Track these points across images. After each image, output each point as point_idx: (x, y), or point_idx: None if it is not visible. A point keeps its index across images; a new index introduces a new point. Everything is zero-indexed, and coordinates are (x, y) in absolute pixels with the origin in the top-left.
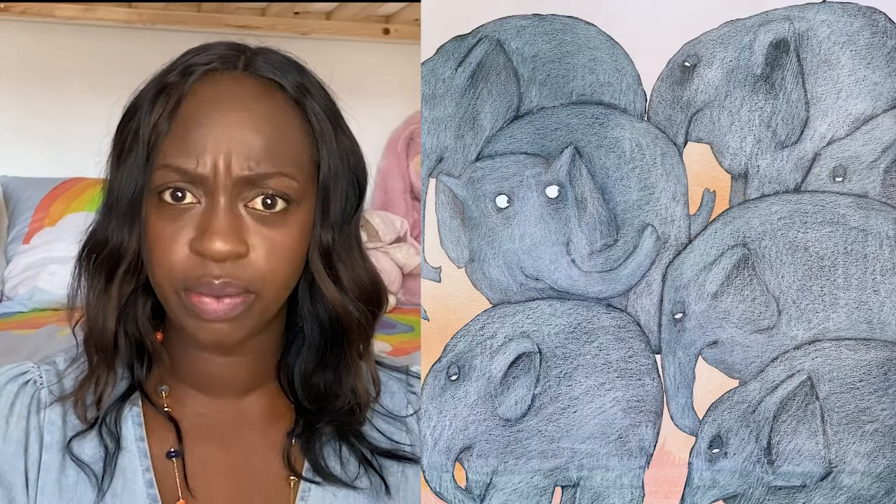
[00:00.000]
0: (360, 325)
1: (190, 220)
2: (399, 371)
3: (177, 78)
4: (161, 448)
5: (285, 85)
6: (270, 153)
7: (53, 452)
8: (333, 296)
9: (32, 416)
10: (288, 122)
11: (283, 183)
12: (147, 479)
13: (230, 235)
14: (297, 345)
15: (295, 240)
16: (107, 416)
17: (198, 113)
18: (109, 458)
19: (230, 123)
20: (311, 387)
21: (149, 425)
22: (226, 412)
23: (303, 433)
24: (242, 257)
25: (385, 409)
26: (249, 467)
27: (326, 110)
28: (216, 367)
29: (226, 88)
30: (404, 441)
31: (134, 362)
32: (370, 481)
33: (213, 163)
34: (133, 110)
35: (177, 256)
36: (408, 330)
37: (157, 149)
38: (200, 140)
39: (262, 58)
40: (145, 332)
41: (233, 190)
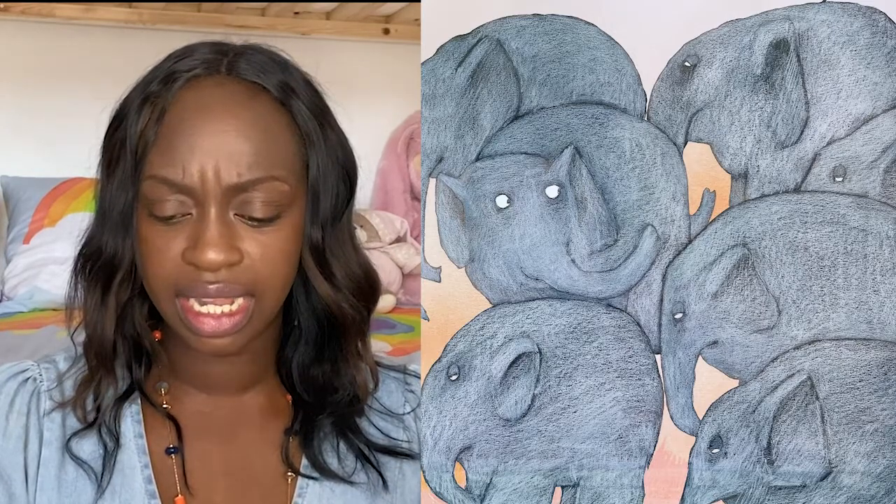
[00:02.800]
0: (354, 321)
1: (181, 230)
2: (396, 370)
3: (160, 86)
4: (160, 445)
5: (269, 87)
6: (259, 158)
7: (53, 449)
8: (327, 293)
9: (32, 413)
10: (274, 124)
11: (273, 187)
12: (146, 476)
13: (222, 245)
14: (294, 339)
15: (288, 242)
16: (106, 415)
17: (182, 123)
18: (109, 456)
19: (216, 132)
20: (311, 379)
21: (148, 422)
22: (224, 409)
23: (301, 429)
24: (236, 265)
25: (383, 406)
26: (248, 463)
27: (313, 108)
28: (214, 365)
29: (210, 94)
30: (401, 438)
31: (132, 362)
32: (368, 477)
33: (201, 173)
34: (120, 118)
35: (170, 265)
36: (408, 330)
37: (145, 159)
38: (186, 150)
39: (245, 60)
40: (143, 333)
41: (222, 199)
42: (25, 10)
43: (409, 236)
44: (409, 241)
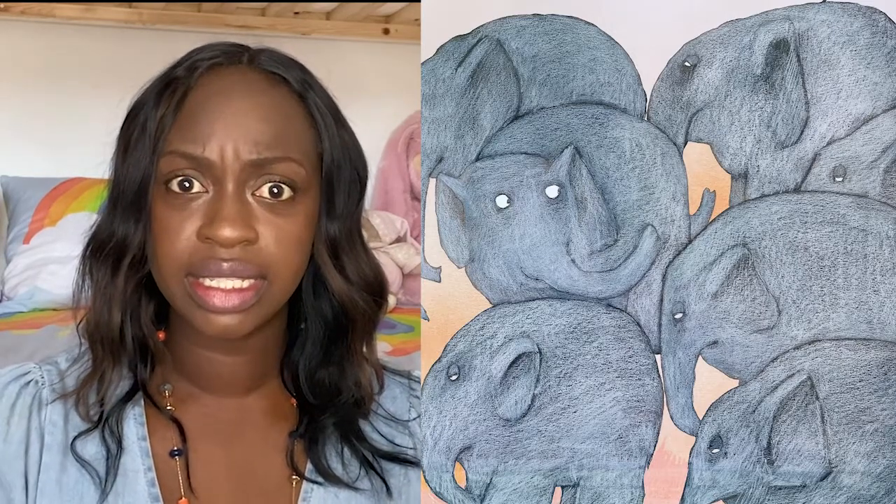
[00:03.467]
0: (365, 316)
1: (197, 209)
2: (402, 375)
3: (183, 73)
4: (164, 447)
5: (289, 78)
6: (278, 139)
7: (54, 453)
8: (340, 286)
9: (34, 417)
10: (293, 112)
11: (290, 169)
12: (149, 479)
13: (238, 222)
14: (300, 341)
15: (302, 229)
16: (109, 417)
17: (206, 103)
18: (112, 459)
19: (237, 112)
20: (316, 382)
21: (151, 425)
22: (229, 411)
23: (306, 433)
24: (252, 244)
25: (387, 411)
26: (252, 466)
27: (328, 105)
28: (219, 365)
29: (231, 80)
30: (406, 444)
31: (137, 362)
32: (371, 483)
33: (221, 148)
34: (139, 106)
35: (183, 244)
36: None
37: (164, 139)
38: (207, 127)
39: (265, 54)
40: (149, 333)
41: (240, 176)
42: (25, 10)
43: (409, 236)
44: (409, 241)
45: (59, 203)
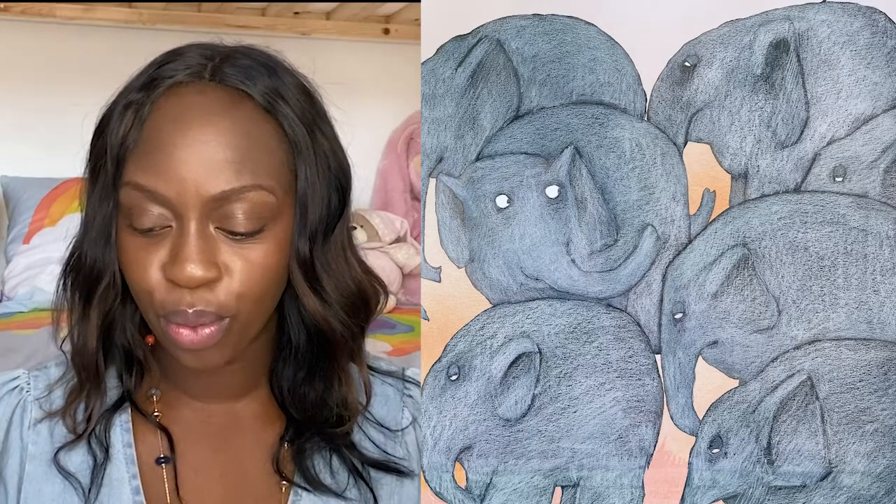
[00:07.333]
0: (344, 339)
1: (162, 242)
2: (394, 376)
3: (140, 94)
4: (150, 454)
5: (254, 94)
6: (242, 167)
7: (38, 462)
8: (315, 309)
9: (14, 426)
10: (259, 132)
11: (258, 197)
12: (133, 487)
13: (201, 261)
14: (286, 353)
15: (272, 256)
16: (96, 426)
17: (161, 132)
18: (98, 468)
19: (194, 142)
20: (300, 396)
21: (139, 431)
22: (218, 416)
23: (294, 439)
24: (216, 282)
25: (377, 419)
26: (241, 472)
27: (302, 115)
28: (207, 374)
29: (191, 102)
30: (397, 453)
31: (123, 371)
32: (359, 492)
33: (179, 184)
34: (105, 122)
35: (152, 281)
36: (408, 330)
37: (124, 166)
38: (163, 160)
39: (231, 65)
40: (135, 343)
41: (202, 211)
42: (25, 10)
43: (409, 236)
44: (409, 241)
45: (59, 203)
